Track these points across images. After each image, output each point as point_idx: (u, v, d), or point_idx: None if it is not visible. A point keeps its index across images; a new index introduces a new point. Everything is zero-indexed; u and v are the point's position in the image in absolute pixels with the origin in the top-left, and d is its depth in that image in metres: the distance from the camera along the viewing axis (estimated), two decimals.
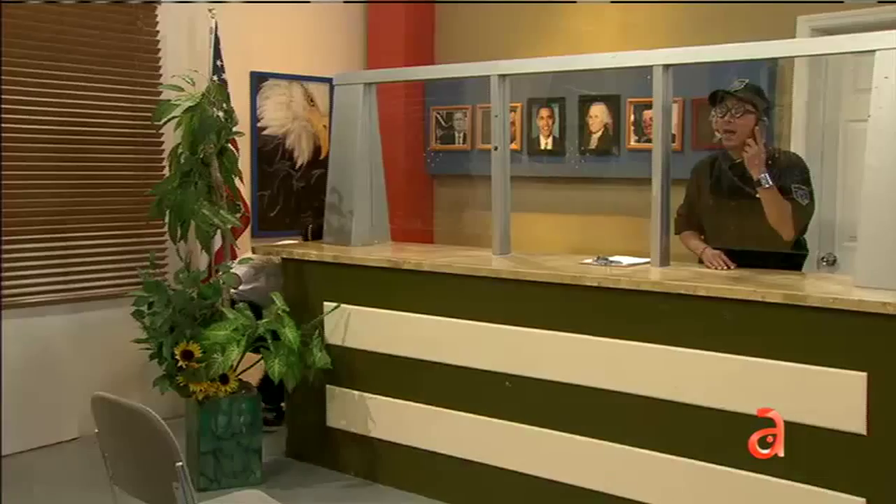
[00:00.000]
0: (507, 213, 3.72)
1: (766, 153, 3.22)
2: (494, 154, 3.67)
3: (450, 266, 3.48)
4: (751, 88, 3.39)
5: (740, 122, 3.33)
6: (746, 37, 3.20)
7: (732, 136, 3.35)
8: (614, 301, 3.07)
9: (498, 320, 3.33)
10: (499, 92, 3.63)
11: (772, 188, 3.16)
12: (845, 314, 2.60)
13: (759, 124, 3.33)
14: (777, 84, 4.11)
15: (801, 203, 3.24)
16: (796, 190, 3.24)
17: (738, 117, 3.33)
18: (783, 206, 3.20)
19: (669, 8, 4.39)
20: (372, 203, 4.05)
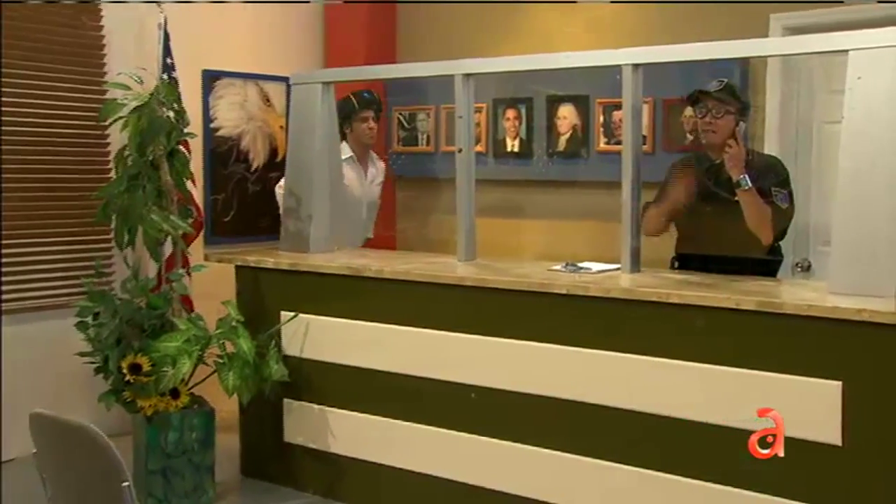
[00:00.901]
0: (472, 218, 3.71)
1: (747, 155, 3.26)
2: (459, 156, 3.67)
3: (412, 273, 3.46)
4: (730, 89, 3.44)
5: (721, 123, 3.37)
6: (718, 35, 3.23)
7: (713, 137, 3.38)
8: (584, 309, 3.07)
9: (463, 329, 3.32)
10: (463, 92, 3.62)
11: (751, 190, 3.20)
12: (820, 322, 2.63)
13: (738, 125, 3.37)
14: (750, 84, 4.16)
15: (780, 206, 3.28)
16: (776, 193, 3.28)
17: (719, 118, 3.37)
18: (763, 209, 3.23)
19: (639, 6, 4.43)
20: (331, 208, 4.03)
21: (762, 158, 3.54)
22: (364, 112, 4.35)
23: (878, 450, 2.58)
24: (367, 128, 4.37)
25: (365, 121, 4.36)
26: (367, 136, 4.40)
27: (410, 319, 3.45)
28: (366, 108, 4.35)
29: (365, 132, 4.38)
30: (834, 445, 2.63)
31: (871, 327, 2.55)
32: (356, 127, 4.36)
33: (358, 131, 4.37)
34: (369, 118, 4.37)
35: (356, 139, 4.39)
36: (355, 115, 4.34)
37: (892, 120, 2.71)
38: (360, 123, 4.35)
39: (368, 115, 4.37)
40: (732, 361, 2.78)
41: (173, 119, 3.68)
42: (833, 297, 2.75)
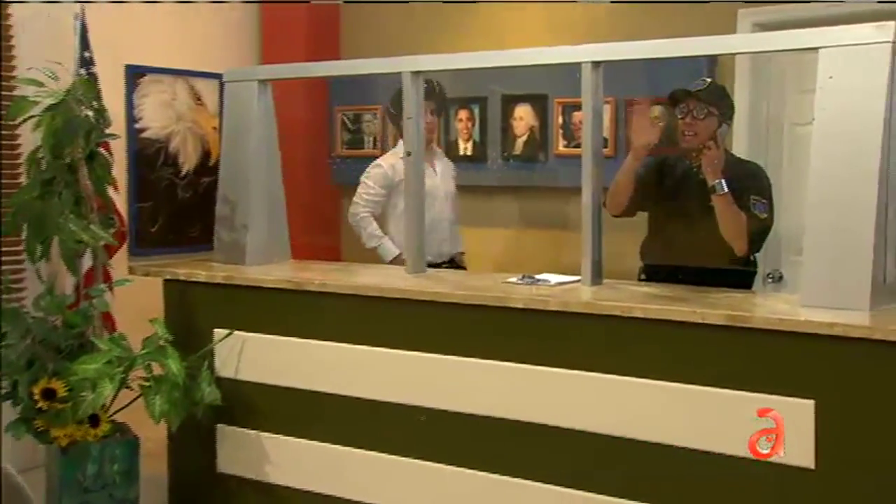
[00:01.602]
0: (422, 227, 3.71)
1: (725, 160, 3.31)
2: (407, 160, 3.67)
3: (358, 287, 3.46)
4: (714, 89, 3.49)
5: (702, 125, 3.42)
6: (684, 32, 3.28)
7: (692, 139, 3.43)
8: (541, 325, 3.08)
9: (412, 347, 3.32)
10: (412, 91, 3.63)
11: (727, 195, 3.24)
12: (791, 337, 2.66)
13: (721, 127, 3.42)
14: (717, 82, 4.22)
15: (758, 216, 3.33)
16: (754, 202, 3.33)
17: (700, 119, 3.42)
18: (738, 217, 3.28)
19: None
20: (269, 216, 4.00)
21: (743, 165, 3.59)
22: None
23: (852, 473, 2.62)
24: (424, 122, 4.08)
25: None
26: (423, 130, 4.08)
27: (356, 336, 3.44)
28: (423, 101, 4.09)
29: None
30: (806, 468, 2.66)
31: (844, 342, 2.59)
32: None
33: None
34: (427, 111, 4.11)
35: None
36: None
37: (865, 122, 2.76)
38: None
39: (426, 108, 4.08)
40: (699, 379, 2.81)
41: (92, 118, 3.64)
42: (805, 310, 2.79)
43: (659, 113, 4.07)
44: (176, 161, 4.85)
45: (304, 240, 4.68)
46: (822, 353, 2.63)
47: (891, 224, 2.83)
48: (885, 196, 2.78)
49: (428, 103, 4.08)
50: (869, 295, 2.74)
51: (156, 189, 4.78)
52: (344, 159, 5.26)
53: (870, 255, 2.74)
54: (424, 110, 4.10)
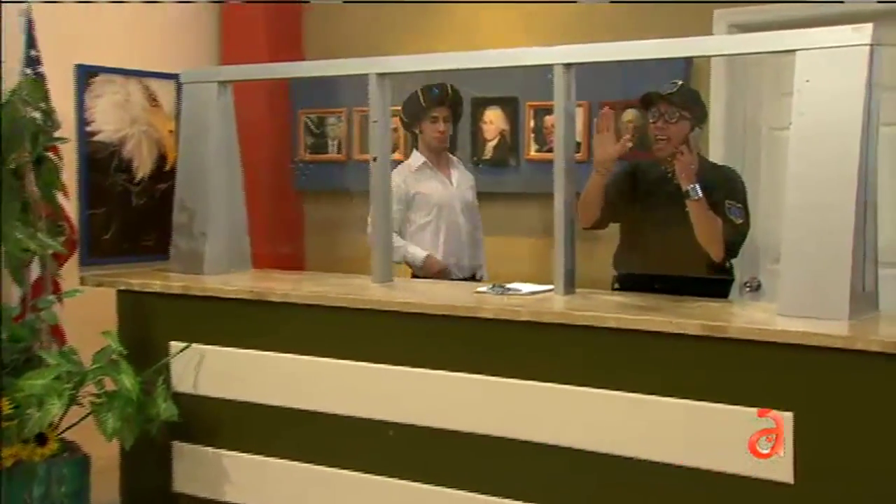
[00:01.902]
0: (389, 235, 3.72)
1: (698, 165, 3.34)
2: (373, 165, 3.68)
3: (322, 296, 3.45)
4: (686, 91, 3.53)
5: (674, 129, 3.45)
6: (659, 32, 3.32)
7: (665, 144, 3.46)
8: (513, 335, 3.10)
9: (379, 359, 3.32)
10: (378, 93, 3.64)
11: (701, 201, 3.28)
12: (768, 347, 2.69)
13: (693, 131, 3.46)
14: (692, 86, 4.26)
15: (734, 221, 3.37)
16: (729, 207, 3.37)
17: (672, 123, 3.46)
18: (713, 222, 3.32)
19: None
20: (229, 223, 3.99)
21: (720, 170, 3.63)
22: (433, 111, 4.14)
23: (832, 487, 2.64)
24: (435, 130, 4.15)
25: (434, 121, 4.14)
26: (435, 140, 4.17)
27: (320, 349, 3.44)
28: (435, 107, 4.14)
29: (433, 135, 4.16)
30: (785, 483, 2.69)
31: (822, 353, 2.62)
32: (424, 128, 4.18)
33: (426, 134, 4.18)
34: (440, 119, 4.14)
35: (426, 143, 4.20)
36: (423, 116, 4.16)
37: (843, 125, 2.80)
38: (428, 124, 4.16)
39: (439, 115, 4.14)
40: (675, 392, 2.83)
41: (39, 120, 3.61)
42: (783, 319, 2.83)
43: (633, 117, 4.11)
44: (130, 166, 4.82)
45: (266, 248, 4.67)
46: (800, 364, 2.66)
47: (870, 230, 2.88)
48: (865, 202, 2.82)
49: (441, 109, 4.12)
50: (848, 304, 2.77)
51: (108, 195, 4.74)
52: (307, 164, 5.25)
53: (849, 262, 2.78)
54: (437, 117, 4.15)
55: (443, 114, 4.15)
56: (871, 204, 2.88)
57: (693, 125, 3.51)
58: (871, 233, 2.89)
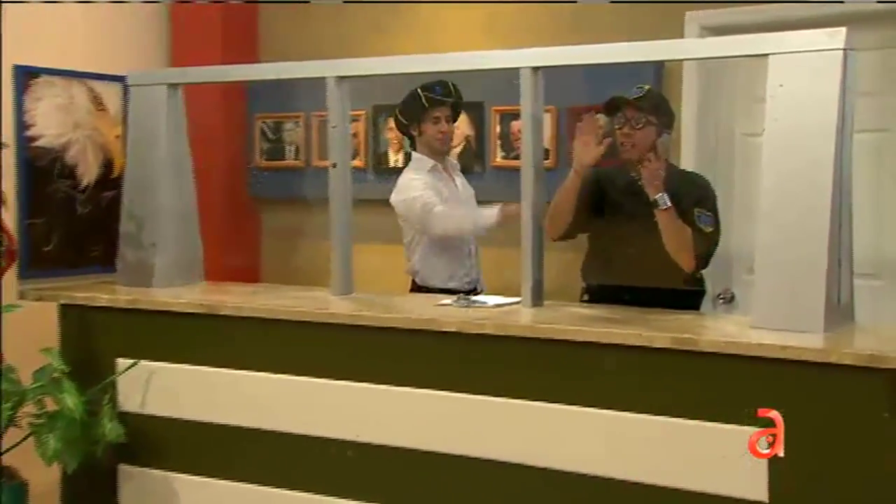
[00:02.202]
0: (349, 245, 3.72)
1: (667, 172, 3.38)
2: (333, 172, 3.68)
3: (278, 310, 3.45)
4: (653, 96, 3.56)
5: (640, 135, 3.48)
6: (628, 35, 3.36)
7: (631, 151, 3.49)
8: (478, 350, 3.11)
9: (338, 375, 3.32)
10: (337, 97, 3.64)
11: (670, 210, 3.31)
12: (741, 360, 2.73)
13: (661, 137, 3.49)
14: (664, 91, 4.31)
15: (703, 229, 3.40)
16: (699, 215, 3.40)
17: (638, 129, 3.49)
18: (682, 231, 3.35)
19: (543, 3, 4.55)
20: (180, 233, 3.98)
21: (687, 177, 3.67)
22: (435, 111, 4.06)
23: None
24: (437, 131, 4.07)
25: (436, 122, 4.06)
26: (436, 141, 4.08)
27: (276, 365, 3.43)
28: (437, 107, 4.06)
29: (435, 137, 4.08)
30: (759, 502, 2.71)
31: (797, 366, 2.66)
32: (425, 130, 4.09)
33: (427, 136, 4.10)
34: (441, 119, 4.06)
35: (427, 145, 4.11)
36: (424, 116, 4.08)
37: (817, 132, 2.84)
38: (430, 126, 4.08)
39: (440, 116, 4.07)
40: (645, 407, 2.86)
41: None
42: (756, 332, 2.86)
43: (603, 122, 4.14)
44: (74, 173, 4.77)
45: (220, 259, 4.65)
46: (774, 378, 2.70)
47: (845, 240, 2.92)
48: (840, 210, 2.87)
49: (443, 109, 4.07)
50: (823, 316, 2.82)
51: (50, 204, 4.69)
52: (263, 171, 5.23)
53: (823, 273, 2.82)
54: (439, 117, 4.08)
55: (445, 113, 4.09)
56: (847, 213, 2.93)
57: (660, 131, 3.54)
58: (847, 243, 2.94)
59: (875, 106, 3.97)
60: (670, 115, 3.65)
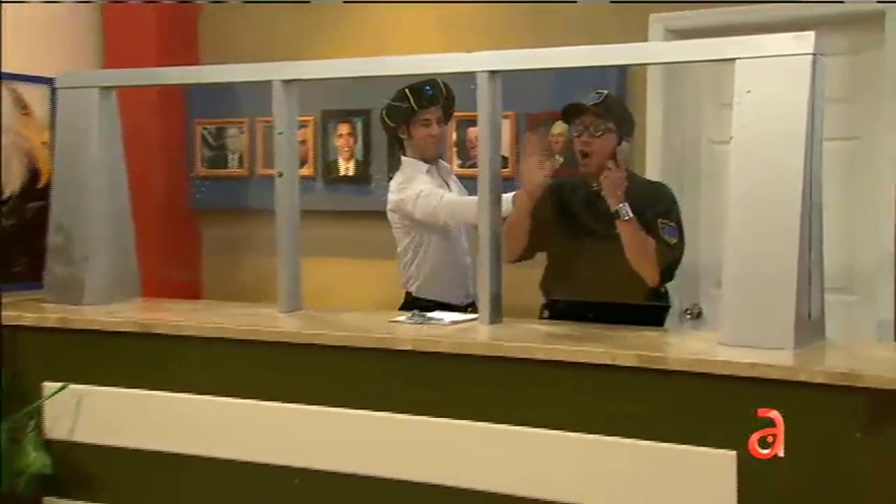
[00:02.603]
0: (297, 259, 3.72)
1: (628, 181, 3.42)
2: (279, 182, 3.68)
3: (221, 328, 3.44)
4: (611, 102, 3.60)
5: (598, 143, 3.52)
6: (589, 38, 3.40)
7: (589, 160, 3.53)
8: (433, 369, 3.12)
9: (286, 398, 3.31)
10: (284, 102, 3.65)
11: (632, 221, 3.35)
12: (708, 379, 2.76)
13: (621, 145, 3.53)
14: (628, 96, 4.37)
15: (667, 241, 3.45)
16: (663, 226, 3.45)
17: (597, 136, 3.52)
18: (646, 243, 3.39)
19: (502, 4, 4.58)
20: (113, 246, 3.96)
21: (651, 186, 3.71)
22: (425, 113, 4.02)
23: None
24: (427, 134, 4.02)
25: (426, 125, 4.02)
26: (426, 144, 4.04)
27: (218, 387, 3.41)
28: (427, 108, 4.01)
29: (425, 140, 4.03)
30: None
31: (766, 385, 2.69)
32: (414, 133, 4.05)
33: (416, 139, 4.05)
34: (432, 121, 4.02)
35: (416, 148, 4.06)
36: (414, 118, 4.03)
37: (785, 141, 2.90)
38: (419, 129, 4.03)
39: (431, 118, 4.02)
40: (609, 429, 2.88)
41: None
42: (724, 349, 2.90)
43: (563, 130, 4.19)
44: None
45: (157, 274, 4.62)
46: (743, 398, 2.73)
47: (816, 253, 2.97)
48: (810, 222, 2.92)
49: (434, 110, 4.03)
50: (793, 332, 2.87)
51: None
52: (204, 180, 5.21)
53: (793, 288, 2.87)
54: (430, 119, 4.03)
55: (436, 115, 4.05)
56: (817, 224, 2.98)
57: (620, 138, 3.57)
58: (818, 255, 2.99)
59: (846, 113, 4.06)
60: (630, 122, 3.68)
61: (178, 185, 5.25)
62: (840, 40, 4.01)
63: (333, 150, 4.96)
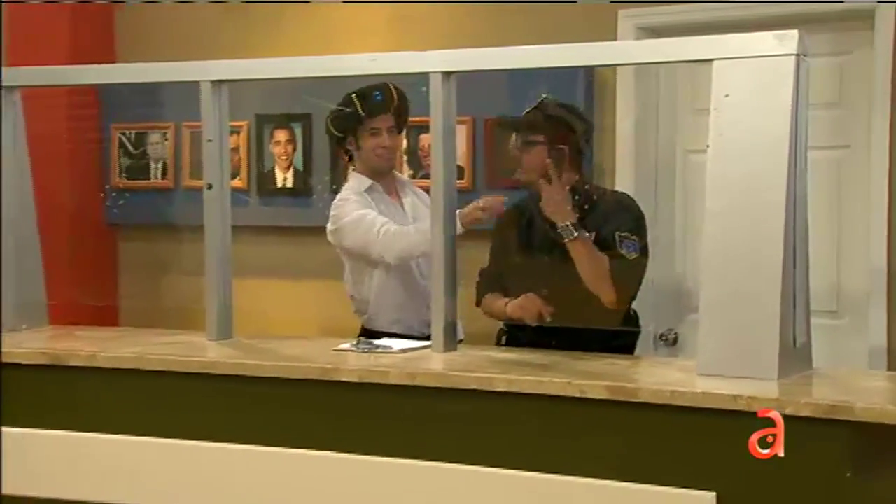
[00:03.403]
0: (228, 280, 3.72)
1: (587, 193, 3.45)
2: (208, 194, 3.67)
3: (142, 359, 3.42)
4: (550, 107, 3.62)
5: (528, 157, 3.55)
6: (553, 37, 3.43)
7: (523, 174, 3.56)
8: (381, 403, 3.13)
9: (215, 436, 3.30)
10: (213, 105, 3.64)
11: (579, 239, 3.39)
12: (686, 413, 2.78)
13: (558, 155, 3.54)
14: (595, 100, 4.41)
15: (627, 257, 3.48)
16: (622, 240, 3.47)
17: (526, 150, 3.56)
18: (598, 261, 3.43)
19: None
20: (18, 267, 3.93)
21: (612, 197, 3.73)
22: (374, 121, 3.94)
23: None
24: (376, 145, 3.94)
25: (375, 134, 3.94)
26: (376, 157, 3.96)
27: (139, 425, 3.39)
28: (376, 116, 3.93)
29: (374, 152, 3.95)
30: None
31: (749, 420, 2.70)
32: (364, 144, 3.98)
33: (365, 150, 3.97)
34: (382, 130, 3.95)
35: (366, 163, 4.00)
36: (361, 127, 3.96)
37: (768, 149, 2.94)
38: (368, 139, 3.96)
39: (381, 126, 3.94)
40: (575, 468, 2.89)
41: None
42: (703, 379, 2.93)
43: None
44: None
45: (69, 298, 4.58)
46: (724, 434, 2.75)
47: (801, 273, 3.01)
48: (794, 240, 2.96)
49: (385, 119, 3.96)
50: (777, 361, 2.90)
51: None
52: (122, 192, 5.18)
53: (777, 311, 2.91)
54: (379, 128, 3.93)
55: (386, 124, 3.96)
56: (803, 242, 3.02)
57: (559, 149, 3.54)
58: (803, 276, 3.03)
59: (834, 119, 4.13)
60: (583, 128, 3.66)
61: (92, 198, 5.21)
62: (827, 40, 4.06)
63: (269, 159, 4.96)
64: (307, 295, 4.84)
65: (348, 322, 4.09)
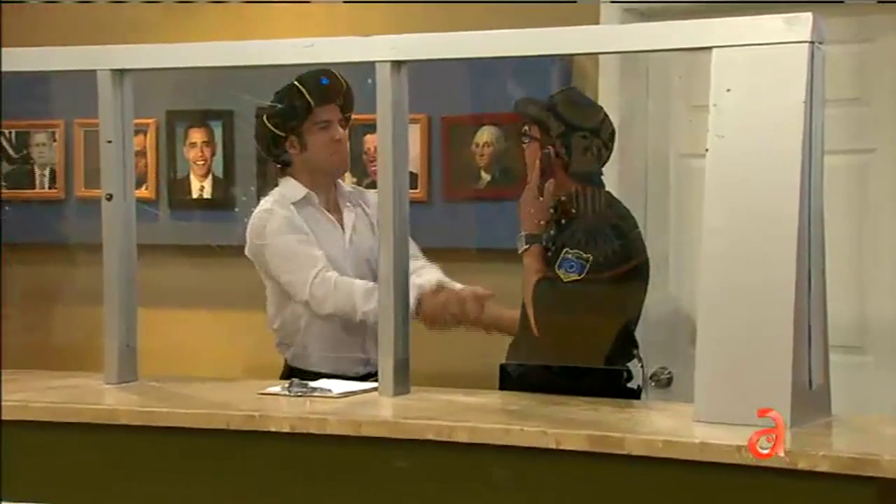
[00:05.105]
0: (132, 310, 3.72)
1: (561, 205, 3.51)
2: (107, 207, 3.68)
3: (26, 407, 3.41)
4: (533, 104, 3.68)
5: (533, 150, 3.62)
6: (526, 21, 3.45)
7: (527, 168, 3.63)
8: (319, 456, 3.13)
9: (116, 498, 3.31)
10: (113, 99, 3.65)
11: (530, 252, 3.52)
12: (682, 467, 2.80)
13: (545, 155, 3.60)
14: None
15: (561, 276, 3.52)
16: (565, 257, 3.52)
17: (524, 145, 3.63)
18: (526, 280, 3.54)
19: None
20: None
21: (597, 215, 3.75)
22: (323, 112, 3.94)
23: None
24: (329, 140, 3.94)
25: (325, 128, 3.95)
26: (331, 155, 3.98)
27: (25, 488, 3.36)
28: (327, 105, 3.93)
29: (327, 148, 3.96)
30: None
31: (756, 474, 2.74)
32: (311, 141, 3.97)
33: (315, 148, 3.98)
34: (333, 122, 3.95)
35: (312, 163, 4.00)
36: (309, 120, 3.95)
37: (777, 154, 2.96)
38: (317, 134, 3.97)
39: (332, 119, 3.95)
40: None
41: None
42: (701, 427, 2.96)
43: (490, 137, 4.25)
44: None
45: None
46: (725, 490, 2.79)
47: (817, 305, 3.02)
48: (808, 263, 2.98)
49: (333, 109, 3.95)
50: (789, 406, 2.91)
51: None
52: (1, 204, 5.15)
53: (789, 348, 2.93)
54: (329, 121, 3.92)
55: (336, 115, 3.98)
56: (819, 266, 3.04)
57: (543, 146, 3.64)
58: (819, 307, 3.05)
59: (854, 118, 4.16)
60: (561, 126, 3.70)
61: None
62: (846, 24, 4.10)
63: (183, 165, 4.95)
64: (228, 328, 4.84)
65: (278, 360, 4.10)
